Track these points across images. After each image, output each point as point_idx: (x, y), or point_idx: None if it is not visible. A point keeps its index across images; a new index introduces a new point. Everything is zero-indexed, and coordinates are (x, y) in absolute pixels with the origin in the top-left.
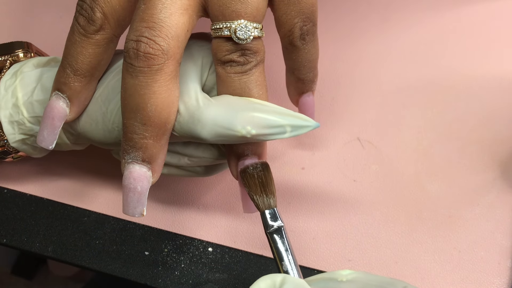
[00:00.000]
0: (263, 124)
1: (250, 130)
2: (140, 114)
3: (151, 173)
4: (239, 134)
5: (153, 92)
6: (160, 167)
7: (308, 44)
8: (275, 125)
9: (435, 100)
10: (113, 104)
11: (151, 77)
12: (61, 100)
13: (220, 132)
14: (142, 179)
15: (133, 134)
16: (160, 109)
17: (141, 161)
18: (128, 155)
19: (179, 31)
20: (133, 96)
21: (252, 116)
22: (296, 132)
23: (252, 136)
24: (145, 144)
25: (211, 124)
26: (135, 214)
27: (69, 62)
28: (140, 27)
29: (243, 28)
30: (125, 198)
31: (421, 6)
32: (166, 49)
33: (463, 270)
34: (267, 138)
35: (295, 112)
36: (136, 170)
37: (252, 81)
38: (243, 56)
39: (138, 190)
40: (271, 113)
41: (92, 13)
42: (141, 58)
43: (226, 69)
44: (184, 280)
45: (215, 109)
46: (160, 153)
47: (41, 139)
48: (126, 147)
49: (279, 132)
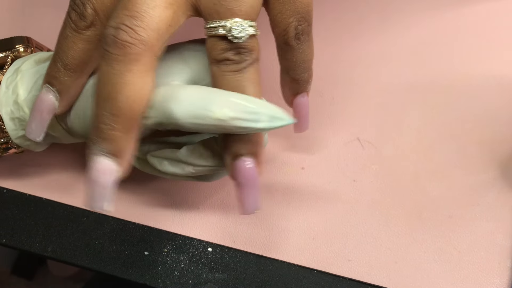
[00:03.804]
0: (240, 109)
1: (226, 112)
2: (110, 104)
3: (118, 166)
4: (214, 115)
5: (126, 82)
6: (127, 161)
7: (303, 44)
8: (252, 112)
9: (435, 100)
10: None
11: (125, 66)
12: (51, 93)
13: (195, 112)
14: (107, 172)
15: (102, 124)
16: (131, 101)
17: (107, 153)
18: (95, 146)
19: (161, 24)
20: (105, 84)
21: (230, 100)
22: (271, 123)
23: (229, 119)
24: (113, 136)
25: (186, 103)
26: (97, 208)
27: (60, 57)
28: (122, 14)
29: (239, 27)
30: (88, 191)
31: (420, 6)
32: (145, 40)
33: (463, 270)
34: (242, 125)
35: (274, 105)
36: (101, 162)
37: (247, 79)
38: (238, 55)
39: (102, 183)
40: (249, 100)
41: (83, 8)
42: (118, 45)
43: (221, 67)
44: (183, 280)
45: (193, 89)
46: (128, 146)
47: (29, 131)
48: (94, 138)
49: (254, 119)
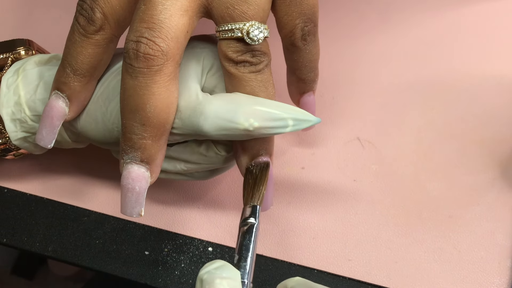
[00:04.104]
0: (265, 117)
1: (253, 122)
2: (139, 115)
3: (150, 173)
4: (241, 126)
5: (152, 93)
6: (159, 167)
7: (309, 45)
8: (278, 118)
9: (435, 100)
10: (113, 104)
11: (150, 78)
12: (61, 99)
13: (223, 125)
14: (140, 179)
15: (132, 135)
16: (159, 109)
17: (139, 161)
18: (126, 155)
19: (179, 32)
20: (132, 96)
21: (255, 109)
22: (298, 126)
23: (254, 129)
24: (144, 145)
25: (213, 117)
26: (133, 214)
27: (69, 62)
28: (140, 27)
29: (256, 29)
30: (123, 198)
31: (421, 6)
32: (166, 50)
33: (463, 270)
34: (269, 132)
35: (297, 107)
36: (134, 170)
37: (266, 80)
38: (255, 57)
39: (136, 190)
40: (273, 106)
41: (92, 13)
42: (140, 58)
43: (240, 69)
44: (184, 280)
45: (218, 103)
46: (159, 153)
47: (40, 137)
48: (125, 147)
49: (281, 126)
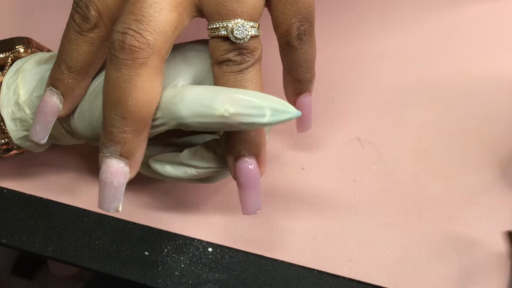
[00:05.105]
0: (242, 104)
1: (228, 108)
2: (120, 108)
3: (129, 168)
4: (217, 112)
5: (135, 86)
6: (138, 162)
7: (306, 44)
8: (255, 106)
9: (435, 100)
10: (99, 101)
11: (134, 71)
12: (55, 95)
13: (199, 111)
14: (119, 174)
15: (113, 128)
16: (141, 103)
17: (119, 155)
18: (106, 148)
19: (167, 27)
20: (115, 89)
21: (233, 97)
22: (276, 117)
23: (230, 115)
24: (124, 139)
25: (191, 102)
26: (110, 209)
27: (63, 59)
28: (128, 19)
29: (240, 28)
30: (101, 192)
31: (420, 5)
32: (152, 44)
33: (463, 270)
34: (246, 120)
35: (278, 98)
36: (113, 164)
37: (248, 80)
38: (240, 56)
39: (114, 185)
40: (252, 95)
41: (87, 11)
42: (125, 50)
43: (222, 68)
44: (184, 280)
45: (197, 90)
46: (139, 148)
47: (33, 133)
48: (105, 141)
49: (258, 114)
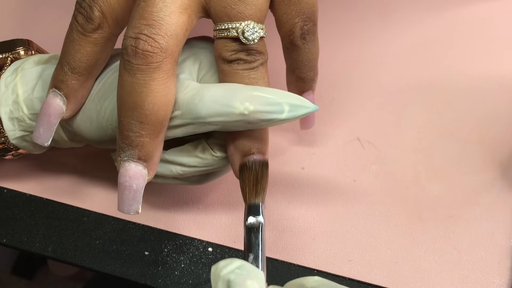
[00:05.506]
0: (261, 101)
1: (248, 106)
2: (137, 112)
3: (147, 171)
4: (237, 110)
5: (151, 90)
6: (156, 165)
7: (309, 44)
8: (273, 103)
9: (435, 100)
10: (107, 102)
11: (149, 75)
12: (58, 97)
13: (219, 110)
14: (137, 177)
15: (130, 132)
16: (157, 107)
17: (137, 159)
18: (124, 153)
19: (178, 29)
20: (130, 93)
21: (251, 94)
22: (294, 112)
23: (250, 113)
24: (142, 142)
25: (210, 102)
26: (130, 211)
27: (67, 60)
28: (139, 24)
29: (251, 29)
30: (120, 196)
31: (420, 6)
32: (165, 47)
33: (463, 270)
34: (265, 117)
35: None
36: (132, 168)
37: (260, 77)
38: (250, 56)
39: (133, 188)
40: (269, 92)
41: (90, 11)
42: (139, 55)
43: (233, 66)
44: (184, 280)
45: (215, 89)
46: (156, 151)
47: (37, 135)
48: (122, 145)
49: (277, 111)
